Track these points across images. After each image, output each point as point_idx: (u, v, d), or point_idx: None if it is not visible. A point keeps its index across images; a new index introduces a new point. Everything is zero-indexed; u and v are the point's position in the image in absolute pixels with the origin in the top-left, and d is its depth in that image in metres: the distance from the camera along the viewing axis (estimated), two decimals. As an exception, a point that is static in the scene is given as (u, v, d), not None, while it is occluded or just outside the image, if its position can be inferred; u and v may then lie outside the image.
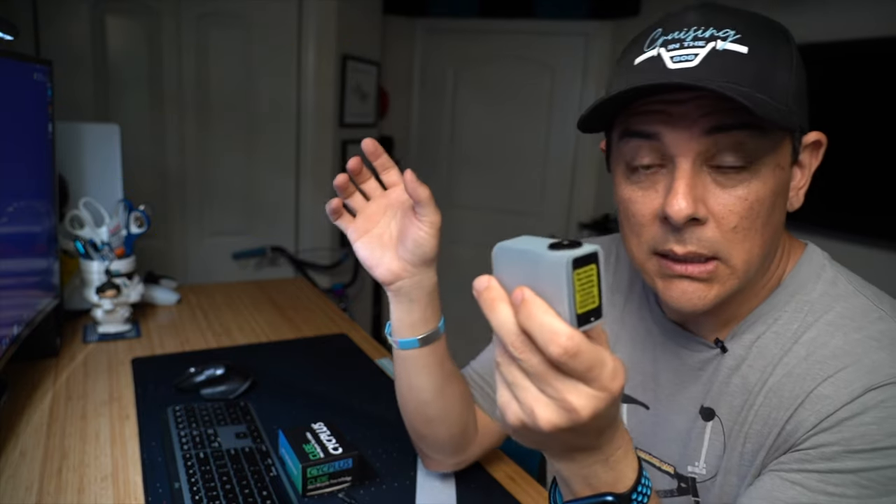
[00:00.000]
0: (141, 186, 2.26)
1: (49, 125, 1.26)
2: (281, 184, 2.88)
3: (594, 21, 3.22)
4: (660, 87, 0.54)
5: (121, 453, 0.97)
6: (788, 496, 0.55)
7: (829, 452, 0.54)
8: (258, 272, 2.89)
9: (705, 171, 0.57)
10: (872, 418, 0.53)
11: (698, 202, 0.56)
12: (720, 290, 0.59)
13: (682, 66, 0.55)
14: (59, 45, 2.21)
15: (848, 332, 0.59)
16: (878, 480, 0.52)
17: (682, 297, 0.60)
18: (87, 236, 1.42)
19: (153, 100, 2.51)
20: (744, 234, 0.57)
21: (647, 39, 0.59)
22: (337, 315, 1.69)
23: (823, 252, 0.67)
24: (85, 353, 1.34)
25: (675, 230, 0.57)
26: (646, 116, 0.57)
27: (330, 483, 0.90)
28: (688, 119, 0.55)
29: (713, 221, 0.57)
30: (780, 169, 0.58)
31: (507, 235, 0.48)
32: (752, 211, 0.56)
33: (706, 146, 0.55)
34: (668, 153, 0.57)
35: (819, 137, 0.62)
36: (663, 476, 0.71)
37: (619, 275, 0.81)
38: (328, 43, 2.79)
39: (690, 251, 0.57)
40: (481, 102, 3.50)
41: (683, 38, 0.56)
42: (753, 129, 0.55)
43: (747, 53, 0.54)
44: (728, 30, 0.55)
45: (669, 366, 0.71)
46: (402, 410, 0.85)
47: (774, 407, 0.60)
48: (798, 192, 0.62)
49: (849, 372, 0.56)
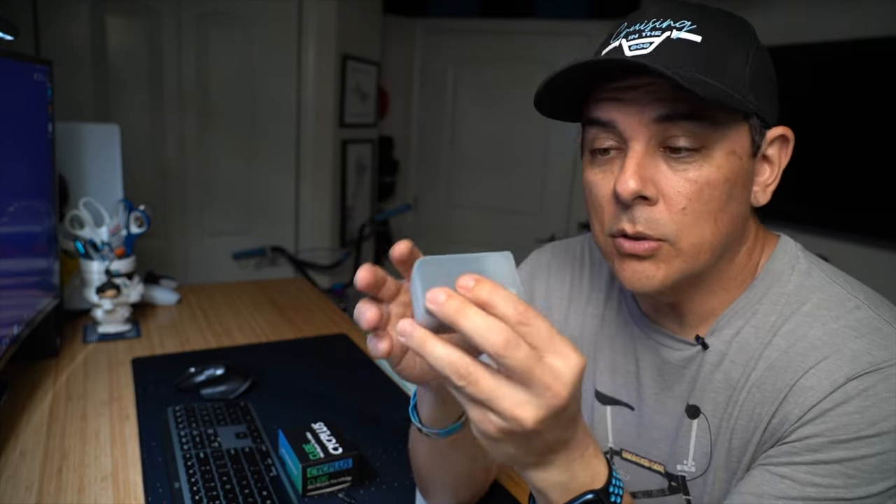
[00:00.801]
0: (141, 186, 2.26)
1: (49, 125, 1.26)
2: (281, 184, 2.88)
3: (594, 21, 3.22)
4: (603, 63, 0.56)
5: (121, 453, 0.98)
6: (778, 490, 0.56)
7: (815, 444, 0.55)
8: (258, 272, 2.89)
9: (658, 154, 0.58)
10: (855, 407, 0.54)
11: (647, 182, 0.57)
12: (667, 269, 0.60)
13: (637, 53, 0.57)
14: (59, 45, 2.21)
15: (826, 322, 0.59)
16: (863, 469, 0.53)
17: (633, 276, 0.61)
18: (87, 236, 1.42)
19: (153, 100, 2.51)
20: (694, 217, 0.58)
21: (615, 33, 0.62)
22: (337, 315, 1.69)
23: (797, 243, 0.67)
24: (85, 353, 1.34)
25: (626, 209, 0.59)
26: (602, 104, 0.60)
27: (330, 483, 0.90)
28: (639, 104, 0.57)
29: (663, 203, 0.58)
30: (734, 156, 0.58)
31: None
32: (701, 194, 0.57)
33: (656, 131, 0.57)
34: (623, 137, 0.59)
35: (785, 132, 0.63)
36: (654, 476, 0.71)
37: (594, 276, 0.81)
38: (328, 43, 2.79)
39: (639, 231, 0.59)
40: (481, 102, 3.50)
41: (643, 29, 0.59)
42: (702, 119, 0.56)
43: (700, 42, 0.56)
44: (685, 21, 0.57)
45: (652, 365, 0.71)
46: (429, 482, 0.80)
47: (758, 401, 0.61)
48: (766, 188, 0.63)
49: (829, 362, 0.57)
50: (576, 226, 3.37)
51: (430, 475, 0.78)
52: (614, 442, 0.75)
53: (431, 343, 0.42)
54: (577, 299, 0.80)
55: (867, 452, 0.53)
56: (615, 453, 0.75)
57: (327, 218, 2.96)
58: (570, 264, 0.83)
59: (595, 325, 0.78)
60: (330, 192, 2.94)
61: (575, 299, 0.80)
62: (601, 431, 0.76)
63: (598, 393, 0.76)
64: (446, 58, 3.52)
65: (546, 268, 0.84)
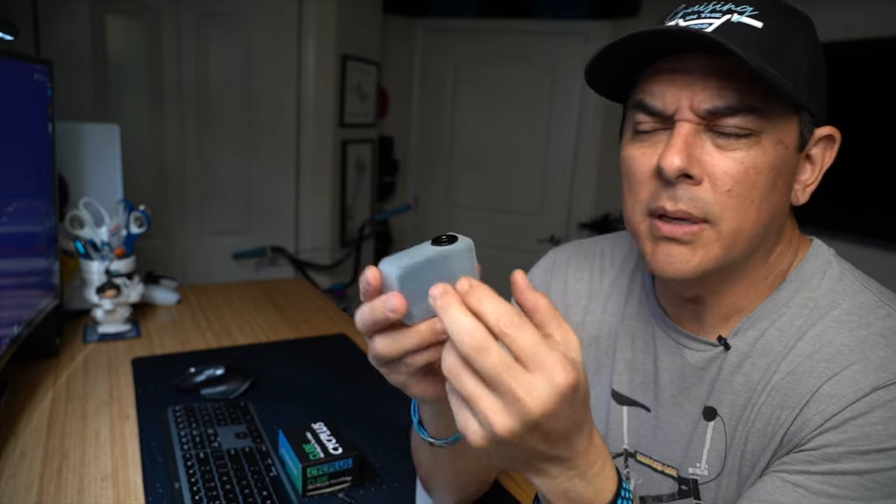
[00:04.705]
0: (141, 186, 2.26)
1: (49, 125, 1.26)
2: (281, 184, 2.88)
3: (594, 21, 3.22)
4: (673, 34, 0.54)
5: (121, 453, 0.97)
6: (790, 499, 0.54)
7: (833, 453, 0.53)
8: (258, 272, 2.89)
9: (706, 134, 0.57)
10: (878, 418, 0.52)
11: (693, 160, 0.56)
12: (704, 255, 0.58)
13: (675, 28, 0.56)
14: (59, 45, 2.21)
15: (854, 328, 0.58)
16: (882, 482, 0.51)
17: (667, 260, 0.59)
18: (87, 236, 1.42)
19: (153, 100, 2.51)
20: (738, 199, 0.56)
21: (670, 13, 0.60)
22: (337, 315, 1.69)
23: (829, 248, 0.66)
24: (85, 353, 1.34)
25: (668, 185, 0.57)
26: (654, 80, 0.58)
27: (330, 483, 0.90)
28: (691, 84, 0.56)
29: (708, 182, 0.56)
30: (782, 146, 0.57)
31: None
32: (747, 177, 0.56)
33: (706, 112, 0.56)
34: (670, 114, 0.57)
35: (832, 132, 0.61)
36: (665, 480, 0.70)
37: (615, 274, 0.79)
38: (328, 43, 2.79)
39: (681, 209, 0.57)
40: (481, 102, 3.50)
41: (701, 10, 0.57)
42: (756, 107, 0.55)
43: (761, 28, 0.55)
44: (746, 6, 0.56)
45: (671, 366, 0.70)
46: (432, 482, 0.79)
47: (778, 405, 0.59)
48: (805, 187, 0.61)
49: (855, 370, 0.55)
50: (576, 226, 3.37)
51: (433, 475, 0.78)
52: (629, 444, 0.74)
53: (455, 306, 0.42)
54: (597, 297, 0.79)
55: (887, 465, 0.51)
56: (630, 455, 0.74)
57: (327, 218, 2.96)
58: (589, 262, 0.81)
59: (614, 323, 0.77)
60: (330, 192, 2.94)
61: (594, 297, 0.79)
62: (617, 432, 0.75)
63: (615, 392, 0.75)
64: (446, 58, 3.52)
65: (565, 266, 0.83)
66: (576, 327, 0.78)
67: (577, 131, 3.35)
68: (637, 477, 0.73)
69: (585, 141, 3.33)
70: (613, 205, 3.14)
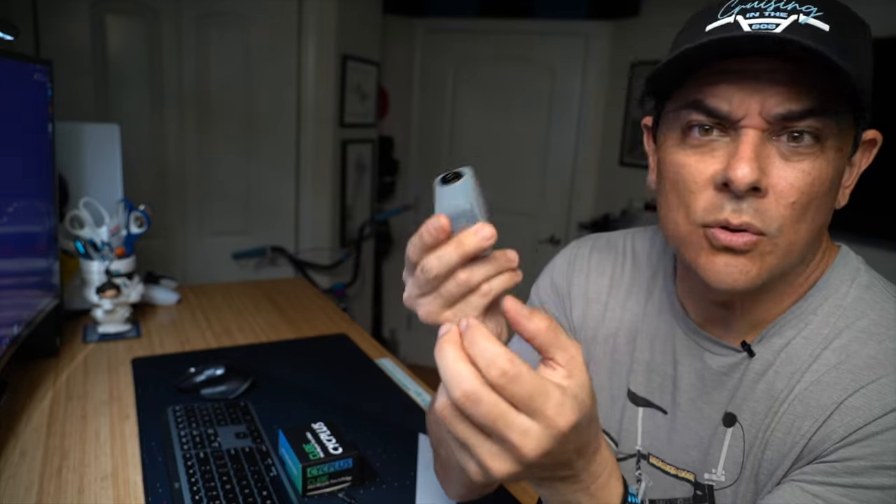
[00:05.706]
0: (141, 186, 2.26)
1: (49, 125, 1.26)
2: (281, 184, 2.87)
3: (594, 21, 3.22)
4: (741, 39, 0.51)
5: (121, 453, 0.98)
6: None
7: (857, 467, 0.52)
8: (258, 272, 2.89)
9: (771, 143, 0.54)
10: None
11: (762, 172, 0.53)
12: (762, 266, 0.55)
13: (764, 33, 0.52)
14: (59, 45, 2.20)
15: (882, 340, 0.56)
16: None
17: (725, 270, 0.56)
18: (87, 236, 1.42)
19: (153, 100, 2.51)
20: (800, 212, 0.54)
21: (722, 8, 0.56)
22: (337, 315, 1.69)
23: (857, 255, 0.64)
24: (85, 353, 1.34)
25: (735, 198, 0.54)
26: (715, 84, 0.55)
27: (330, 483, 0.90)
28: (760, 89, 0.53)
29: (773, 195, 0.54)
30: (841, 153, 0.55)
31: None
32: (812, 189, 0.53)
33: (774, 119, 0.53)
34: (734, 120, 0.54)
35: (875, 136, 0.59)
36: (681, 484, 0.69)
37: (637, 271, 0.77)
38: (328, 43, 2.79)
39: (745, 222, 0.54)
40: (481, 102, 3.50)
41: (764, 8, 0.53)
42: (829, 114, 0.52)
43: (828, 31, 0.52)
44: (811, 6, 0.53)
45: (692, 369, 0.68)
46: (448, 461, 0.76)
47: (800, 415, 0.58)
48: (845, 190, 0.60)
49: (882, 384, 0.54)
50: (576, 226, 3.37)
51: (449, 456, 0.75)
52: (643, 445, 0.73)
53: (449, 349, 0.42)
54: (617, 293, 0.77)
55: None
56: (642, 457, 0.73)
57: (327, 218, 2.96)
58: (611, 258, 0.80)
59: (634, 321, 0.75)
60: (330, 192, 2.94)
61: (614, 294, 0.77)
62: (630, 433, 0.74)
63: (631, 393, 0.74)
64: (446, 58, 3.52)
65: (587, 259, 0.81)
66: (595, 323, 0.77)
67: (577, 131, 3.35)
68: (648, 479, 0.72)
69: (585, 141, 3.32)
70: (613, 205, 3.14)
